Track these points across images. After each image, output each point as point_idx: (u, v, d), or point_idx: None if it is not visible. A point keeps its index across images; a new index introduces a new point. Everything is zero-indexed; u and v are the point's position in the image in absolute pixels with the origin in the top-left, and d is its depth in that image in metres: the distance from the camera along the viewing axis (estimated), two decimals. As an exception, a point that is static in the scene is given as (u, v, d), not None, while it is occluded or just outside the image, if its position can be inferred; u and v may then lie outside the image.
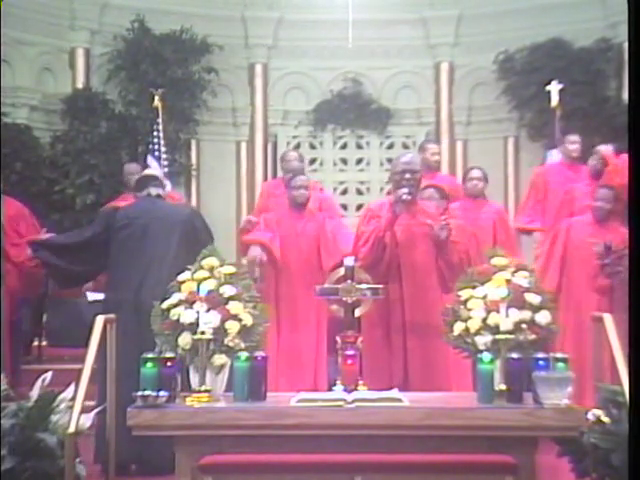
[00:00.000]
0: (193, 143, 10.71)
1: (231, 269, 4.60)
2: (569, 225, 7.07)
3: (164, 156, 9.63)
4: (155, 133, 9.63)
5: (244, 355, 4.29)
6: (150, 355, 4.25)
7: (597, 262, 6.71)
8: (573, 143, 8.28)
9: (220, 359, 4.38)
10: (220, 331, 4.39)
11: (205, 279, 4.53)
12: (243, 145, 11.02)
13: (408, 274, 5.68)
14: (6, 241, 6.89)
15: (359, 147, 11.02)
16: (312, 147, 11.03)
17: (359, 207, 10.93)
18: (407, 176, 5.82)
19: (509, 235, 7.57)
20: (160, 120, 9.67)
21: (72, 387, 4.59)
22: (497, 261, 4.69)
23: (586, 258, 6.78)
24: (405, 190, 5.72)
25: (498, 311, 4.46)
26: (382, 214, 5.77)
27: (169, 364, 4.25)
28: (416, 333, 5.63)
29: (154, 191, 6.05)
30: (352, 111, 10.86)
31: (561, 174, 8.28)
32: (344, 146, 11.04)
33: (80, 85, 10.23)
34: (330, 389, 4.60)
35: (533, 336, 4.43)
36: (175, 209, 6.19)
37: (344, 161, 11.03)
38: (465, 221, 6.45)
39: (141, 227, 5.83)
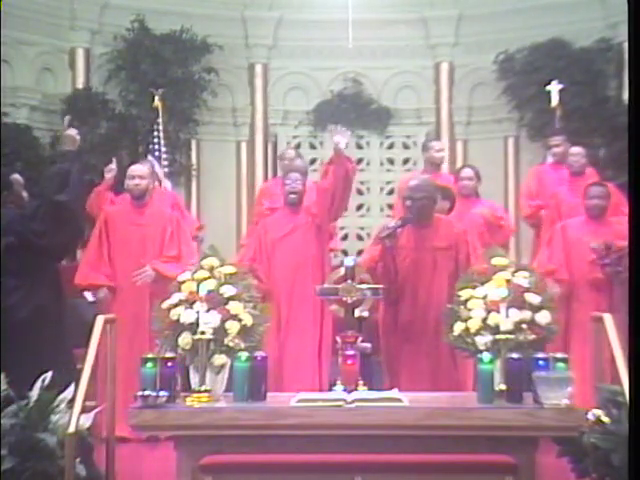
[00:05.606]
0: (193, 143, 10.70)
1: (231, 269, 4.60)
2: (564, 225, 7.01)
3: (164, 156, 9.63)
4: (155, 133, 9.63)
5: (244, 355, 4.29)
6: (150, 355, 4.27)
7: (595, 260, 6.66)
8: (557, 146, 8.29)
9: (220, 359, 4.38)
10: (220, 331, 4.39)
11: (205, 279, 4.54)
12: (243, 145, 11.01)
13: (406, 299, 5.67)
14: None
15: (359, 147, 11.00)
16: (312, 147, 11.02)
17: (359, 207, 10.96)
18: (408, 203, 5.69)
19: (501, 233, 7.58)
20: (160, 120, 9.67)
21: (72, 387, 4.58)
22: (497, 261, 4.70)
23: (584, 257, 6.74)
24: (391, 224, 5.59)
25: (498, 311, 4.47)
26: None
27: (169, 364, 4.25)
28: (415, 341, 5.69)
29: None
30: (352, 111, 10.84)
31: (548, 177, 8.30)
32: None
33: (80, 85, 10.22)
34: (330, 389, 4.60)
35: (533, 336, 4.44)
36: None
37: (344, 161, 11.01)
38: (455, 219, 6.42)
39: None
